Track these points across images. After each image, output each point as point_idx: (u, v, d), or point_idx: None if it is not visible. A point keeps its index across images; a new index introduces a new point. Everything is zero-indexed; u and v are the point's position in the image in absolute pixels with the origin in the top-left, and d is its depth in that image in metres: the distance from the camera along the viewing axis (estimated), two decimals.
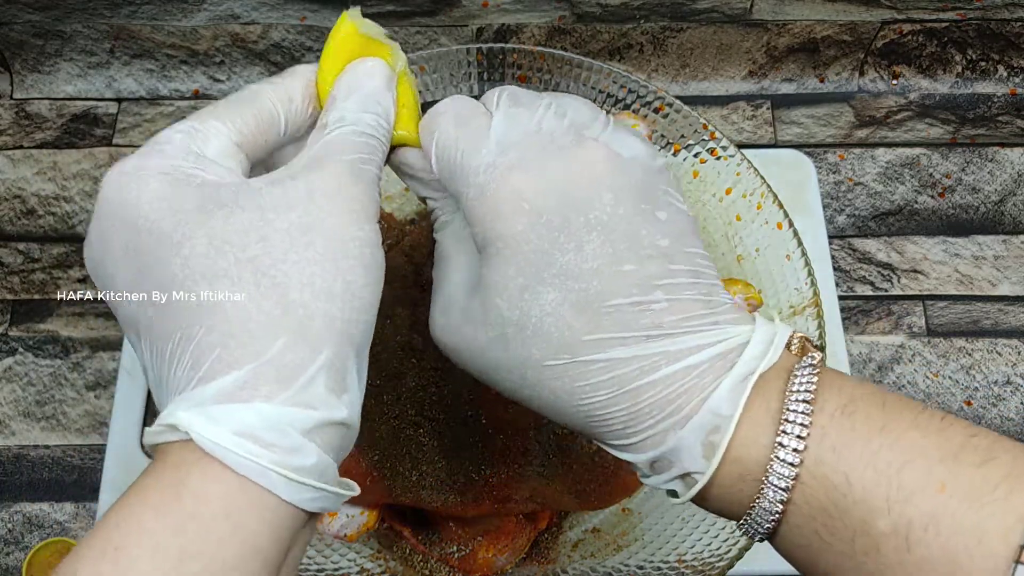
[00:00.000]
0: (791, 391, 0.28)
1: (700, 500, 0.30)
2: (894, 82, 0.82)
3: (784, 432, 0.27)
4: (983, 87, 0.81)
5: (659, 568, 0.52)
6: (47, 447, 0.67)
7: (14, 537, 0.64)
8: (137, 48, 0.79)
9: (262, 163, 0.34)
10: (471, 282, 0.32)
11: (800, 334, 0.30)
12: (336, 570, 0.53)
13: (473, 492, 0.49)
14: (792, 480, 0.27)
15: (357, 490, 0.30)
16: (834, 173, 0.78)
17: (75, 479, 0.66)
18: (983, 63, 0.81)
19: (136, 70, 0.80)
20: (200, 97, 0.80)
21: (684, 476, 0.30)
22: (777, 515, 0.28)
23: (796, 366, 0.29)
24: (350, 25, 0.36)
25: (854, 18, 0.78)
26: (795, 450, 0.27)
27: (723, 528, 0.52)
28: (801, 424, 0.27)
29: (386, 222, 0.63)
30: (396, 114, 0.35)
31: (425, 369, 0.50)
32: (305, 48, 0.78)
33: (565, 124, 0.32)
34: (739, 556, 0.50)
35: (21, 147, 0.78)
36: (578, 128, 0.32)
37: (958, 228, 0.76)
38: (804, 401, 0.27)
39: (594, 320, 0.29)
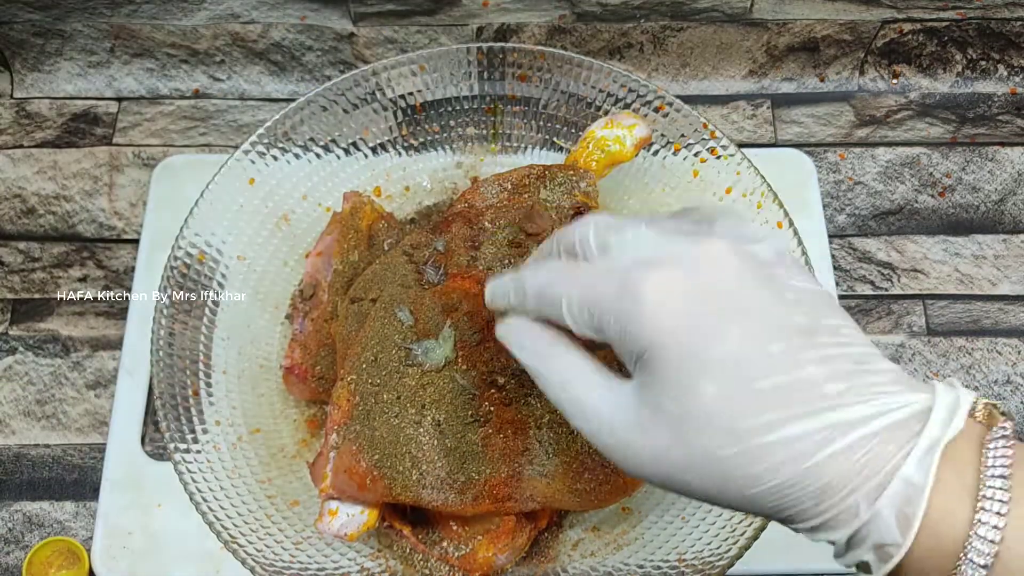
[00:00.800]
0: (986, 464, 0.27)
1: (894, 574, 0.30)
2: (894, 81, 0.82)
3: (983, 509, 0.27)
4: (983, 86, 0.81)
5: (659, 567, 0.52)
6: (47, 446, 0.67)
7: (14, 536, 0.64)
8: (137, 47, 0.79)
9: None
10: (617, 396, 0.33)
11: (986, 400, 0.30)
12: (336, 569, 0.53)
13: (473, 491, 0.49)
14: (992, 557, 0.27)
15: None
16: (834, 172, 0.78)
17: (75, 478, 0.66)
18: (983, 62, 0.81)
19: (136, 69, 0.80)
20: (200, 96, 0.80)
21: (879, 548, 0.29)
22: (994, 550, 0.27)
23: (988, 437, 0.28)
24: None
25: (854, 17, 0.78)
26: (995, 527, 0.27)
27: (723, 528, 0.52)
28: (1000, 500, 0.27)
29: (386, 222, 0.64)
30: None
31: (425, 369, 0.50)
32: (305, 47, 0.78)
33: (673, 224, 0.33)
34: (739, 556, 0.50)
35: (21, 146, 0.78)
36: (692, 224, 0.33)
37: (958, 227, 0.76)
38: (1002, 476, 0.27)
39: (757, 402, 0.29)
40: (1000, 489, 0.27)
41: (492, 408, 0.50)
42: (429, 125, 0.67)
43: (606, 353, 0.35)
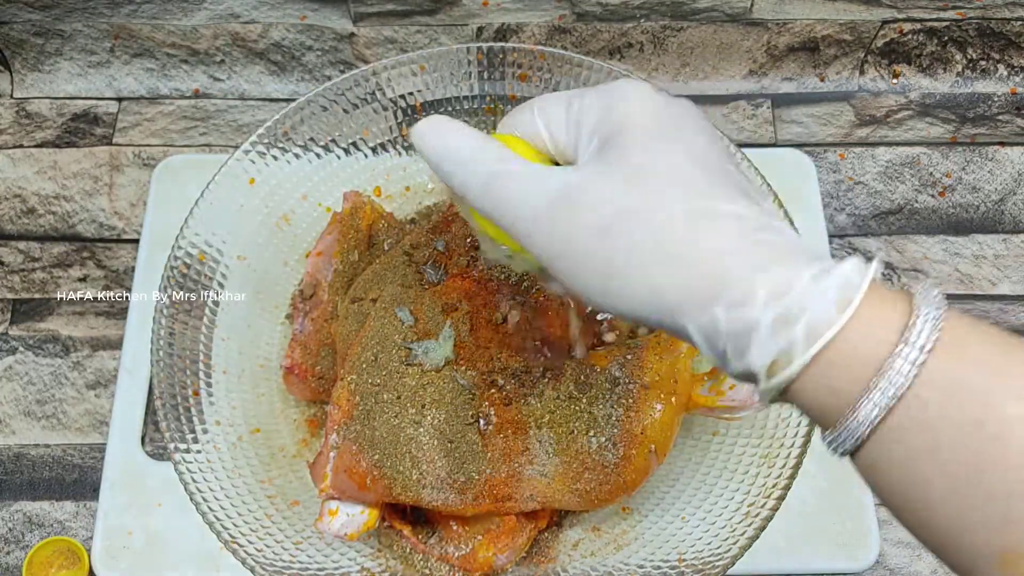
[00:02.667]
0: (918, 304, 0.28)
1: (797, 387, 0.29)
2: (894, 81, 0.82)
3: (922, 305, 0.27)
4: (983, 86, 0.81)
5: (659, 567, 0.52)
6: (47, 446, 0.67)
7: (14, 536, 0.64)
8: (137, 47, 0.79)
9: None
10: (556, 172, 0.33)
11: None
12: (336, 569, 0.53)
13: (473, 491, 0.49)
14: (933, 342, 0.26)
15: None
16: (834, 172, 0.78)
17: (75, 478, 0.66)
18: (983, 62, 0.81)
19: (136, 69, 0.80)
20: (200, 96, 0.80)
21: (803, 337, 0.28)
22: (908, 382, 0.26)
23: (918, 287, 0.29)
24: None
25: (854, 17, 0.78)
26: (935, 317, 0.27)
27: (723, 528, 0.52)
28: (939, 302, 0.27)
29: (386, 222, 0.64)
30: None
31: (425, 369, 0.50)
32: (305, 47, 0.78)
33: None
34: (739, 556, 0.50)
35: (21, 146, 0.78)
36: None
37: (958, 227, 0.76)
38: (936, 308, 0.27)
39: (719, 182, 0.31)
40: (933, 318, 0.27)
41: (492, 408, 0.50)
42: None
43: None
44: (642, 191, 0.30)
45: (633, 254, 0.30)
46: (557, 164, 0.36)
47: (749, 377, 0.30)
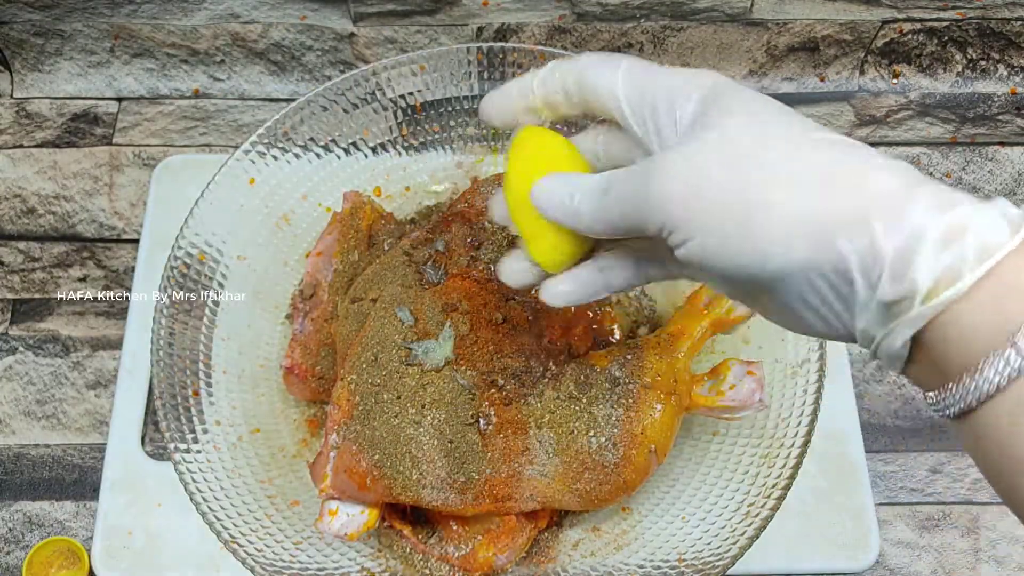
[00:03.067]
0: None
1: (949, 316, 0.27)
2: (894, 81, 0.82)
3: None
4: (983, 86, 0.81)
5: (659, 567, 0.52)
6: (47, 446, 0.67)
7: (14, 536, 0.64)
8: (137, 47, 0.79)
9: None
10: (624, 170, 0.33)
11: None
12: (337, 569, 0.53)
13: (473, 491, 0.49)
14: None
15: None
16: None
17: (75, 478, 0.66)
18: (983, 62, 0.81)
19: (136, 69, 0.80)
20: (200, 96, 0.80)
21: (980, 248, 0.26)
22: (1006, 377, 0.25)
23: None
24: (534, 132, 0.37)
25: (854, 17, 0.78)
26: None
27: (723, 528, 0.52)
28: None
29: (386, 222, 0.64)
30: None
31: (425, 369, 0.50)
32: (305, 47, 0.78)
33: None
34: (739, 556, 0.50)
35: (21, 146, 0.78)
36: None
37: None
38: None
39: (818, 141, 0.29)
40: None
41: (492, 408, 0.50)
42: (429, 125, 0.67)
43: None
44: (772, 126, 0.29)
45: (771, 183, 0.28)
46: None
47: (898, 307, 0.27)
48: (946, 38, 0.79)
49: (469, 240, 0.55)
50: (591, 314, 0.58)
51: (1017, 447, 0.26)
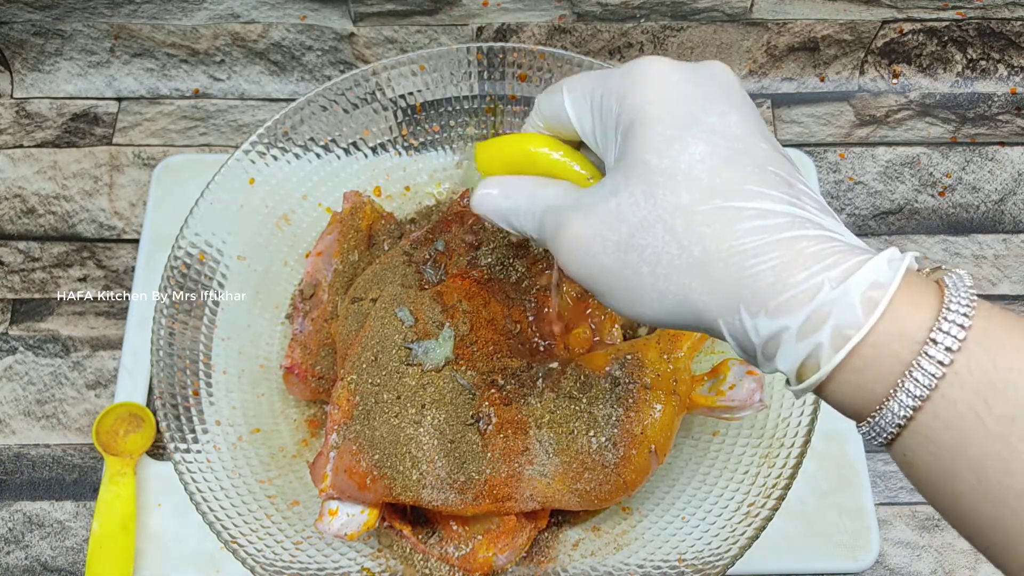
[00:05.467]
0: (949, 292, 0.27)
1: (826, 387, 0.28)
2: (894, 81, 0.82)
3: (951, 302, 0.26)
4: (983, 86, 0.81)
5: (659, 567, 0.52)
6: (47, 446, 0.67)
7: (14, 536, 0.64)
8: (137, 47, 0.79)
9: None
10: (582, 191, 0.34)
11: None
12: (337, 569, 0.53)
13: (473, 491, 0.49)
14: (960, 341, 0.26)
15: None
16: (834, 172, 0.78)
17: (75, 478, 0.66)
18: (983, 62, 0.81)
19: (136, 69, 0.80)
20: (200, 96, 0.80)
21: (836, 332, 0.27)
22: (934, 382, 0.26)
23: (947, 278, 0.28)
24: (542, 154, 0.38)
25: (854, 17, 0.78)
26: (964, 315, 0.26)
27: (723, 528, 0.52)
28: (968, 298, 0.27)
29: (387, 222, 0.64)
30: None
31: (425, 369, 0.50)
32: (305, 47, 0.78)
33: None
34: (739, 556, 0.50)
35: (21, 146, 0.78)
36: None
37: (958, 227, 0.76)
38: (966, 304, 0.26)
39: (743, 173, 0.29)
40: (962, 313, 0.26)
41: (492, 408, 0.50)
42: (429, 125, 0.67)
43: None
44: (660, 199, 0.30)
45: (656, 266, 0.30)
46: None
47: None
48: (946, 38, 0.79)
49: (469, 240, 0.55)
50: (591, 314, 0.58)
51: (935, 470, 0.27)
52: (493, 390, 0.50)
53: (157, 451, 0.65)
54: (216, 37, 0.78)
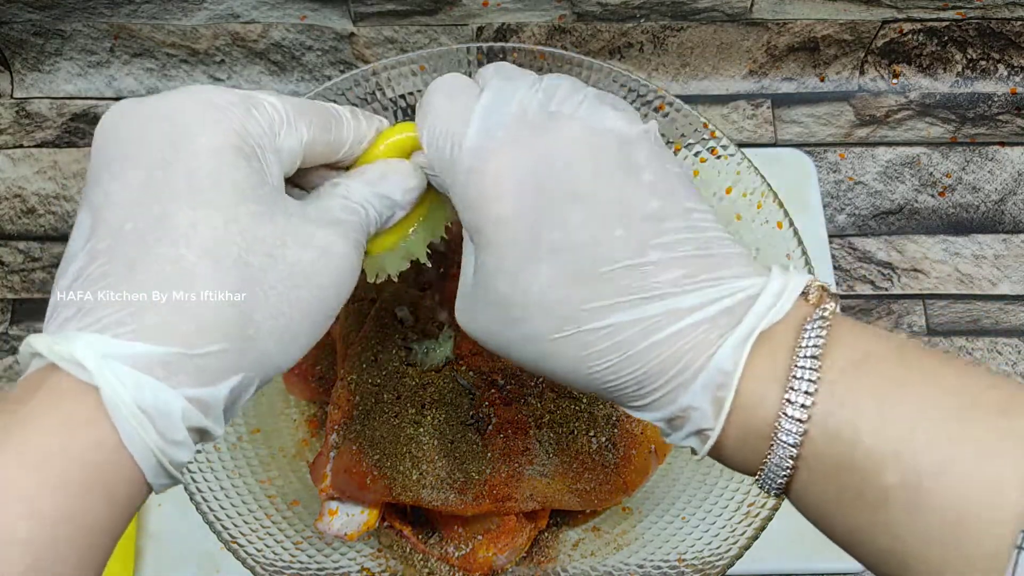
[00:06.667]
0: (800, 347, 0.28)
1: (717, 456, 0.30)
2: (894, 81, 0.82)
3: (792, 389, 0.27)
4: (983, 86, 0.81)
5: (659, 567, 0.52)
6: None
7: None
8: (137, 47, 0.79)
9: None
10: (469, 267, 0.34)
11: (819, 283, 0.30)
12: (336, 569, 0.53)
13: (473, 491, 0.49)
14: (800, 436, 0.27)
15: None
16: (834, 172, 0.78)
17: None
18: (983, 62, 0.81)
19: (136, 69, 0.80)
20: None
21: (697, 432, 0.30)
22: (788, 470, 0.28)
23: (808, 319, 0.28)
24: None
25: (854, 17, 0.78)
26: (803, 406, 0.27)
27: (723, 528, 0.52)
28: (809, 380, 0.27)
29: None
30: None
31: (425, 369, 0.50)
32: (305, 47, 0.78)
33: (542, 103, 0.32)
34: (739, 555, 0.50)
35: (21, 146, 0.78)
36: (558, 103, 0.32)
37: (958, 227, 0.76)
38: (812, 357, 0.27)
39: (592, 288, 0.29)
40: (809, 370, 0.27)
41: (492, 408, 0.50)
42: None
43: None
44: (519, 328, 0.31)
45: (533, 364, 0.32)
46: None
47: None
48: (946, 38, 0.79)
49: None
50: None
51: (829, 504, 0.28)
52: (493, 390, 0.50)
53: None
54: (216, 37, 0.78)
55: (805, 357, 0.27)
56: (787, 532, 0.61)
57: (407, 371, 0.50)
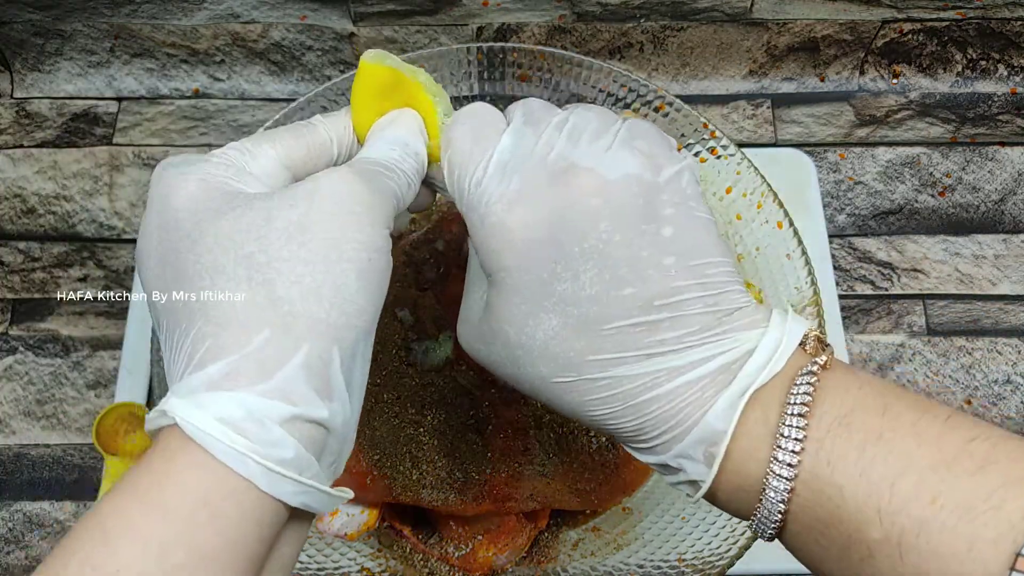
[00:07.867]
0: (788, 403, 0.28)
1: (712, 501, 0.31)
2: (894, 81, 0.82)
3: (779, 447, 0.28)
4: (983, 86, 0.81)
5: (659, 567, 0.52)
6: (47, 446, 0.67)
7: (14, 536, 0.64)
8: (137, 47, 0.79)
9: None
10: (484, 303, 0.34)
11: (816, 332, 0.30)
12: (336, 569, 0.53)
13: (473, 491, 0.49)
14: (788, 493, 0.28)
15: (346, 495, 0.30)
16: (834, 172, 0.78)
17: (75, 478, 0.66)
18: (983, 62, 0.81)
19: (136, 69, 0.80)
20: (200, 96, 0.80)
21: (691, 482, 0.31)
22: (778, 523, 0.29)
23: (798, 374, 0.29)
24: (372, 67, 0.36)
25: (854, 17, 0.78)
26: (790, 464, 0.28)
27: (723, 527, 0.52)
28: (795, 439, 0.28)
29: None
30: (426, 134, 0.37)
31: (425, 369, 0.50)
32: (305, 47, 0.78)
33: (564, 148, 0.32)
34: (739, 555, 0.50)
35: (21, 146, 0.78)
36: (583, 149, 0.32)
37: (958, 227, 0.76)
38: (799, 415, 0.28)
39: (596, 342, 0.30)
40: (796, 428, 0.28)
41: (492, 408, 0.50)
42: None
43: None
44: (522, 368, 0.32)
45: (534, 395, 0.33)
46: None
47: None
48: (946, 38, 0.79)
49: (469, 240, 0.55)
50: None
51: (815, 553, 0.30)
52: (493, 390, 0.50)
53: None
54: (216, 37, 0.78)
55: (792, 415, 0.28)
56: None
57: (407, 371, 0.50)
